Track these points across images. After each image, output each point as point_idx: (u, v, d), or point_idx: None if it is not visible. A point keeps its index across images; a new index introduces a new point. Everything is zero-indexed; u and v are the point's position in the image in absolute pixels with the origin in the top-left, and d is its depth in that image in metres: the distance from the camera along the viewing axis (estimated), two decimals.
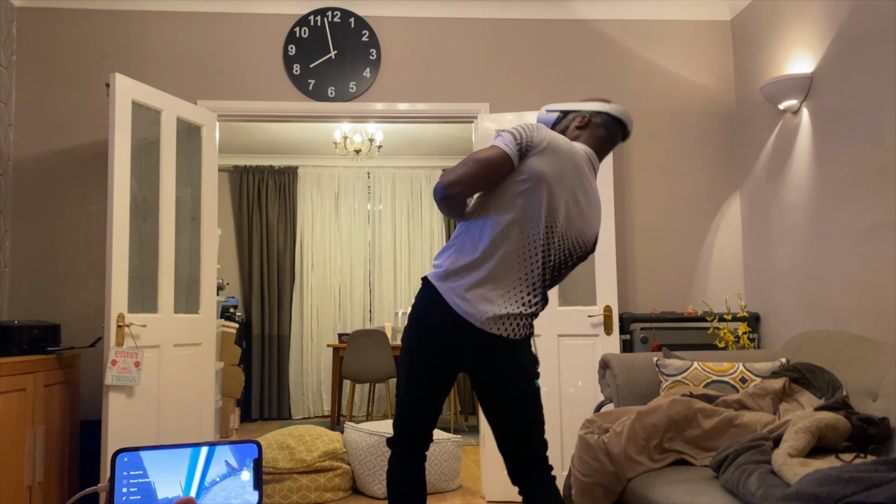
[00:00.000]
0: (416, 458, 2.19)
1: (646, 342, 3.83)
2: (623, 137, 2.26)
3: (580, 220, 2.09)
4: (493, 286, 2.03)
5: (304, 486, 3.92)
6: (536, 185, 2.00)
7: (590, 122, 2.20)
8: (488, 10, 4.24)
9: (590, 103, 2.23)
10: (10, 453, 2.93)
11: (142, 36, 4.07)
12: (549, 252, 2.06)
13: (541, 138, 2.01)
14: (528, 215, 2.01)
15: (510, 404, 2.08)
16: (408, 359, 2.15)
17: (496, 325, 2.03)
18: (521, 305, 2.05)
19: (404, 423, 2.19)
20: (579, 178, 2.07)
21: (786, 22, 3.71)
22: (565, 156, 2.04)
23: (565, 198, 2.04)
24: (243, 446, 0.84)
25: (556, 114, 2.26)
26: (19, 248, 3.90)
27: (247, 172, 7.54)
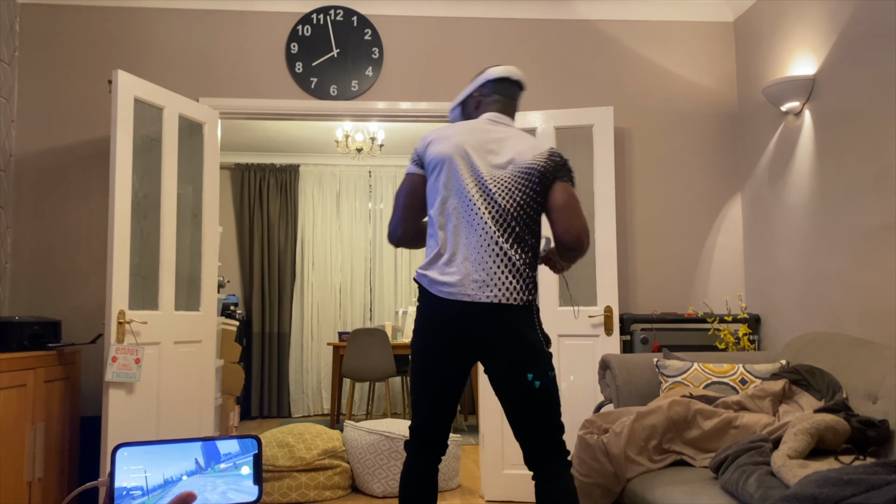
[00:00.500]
0: (429, 462, 2.20)
1: (646, 343, 3.84)
2: (520, 88, 2.37)
3: (497, 158, 2.19)
4: (463, 257, 2.12)
5: (304, 484, 3.92)
6: (439, 165, 2.19)
7: (480, 99, 2.35)
8: (491, 9, 4.24)
9: (472, 82, 2.37)
10: (10, 449, 2.93)
11: (144, 33, 4.07)
12: (490, 199, 2.14)
13: (424, 141, 2.26)
14: (449, 187, 2.17)
15: (520, 385, 2.08)
16: (417, 361, 2.18)
17: (483, 290, 2.06)
18: (498, 260, 2.10)
19: (420, 426, 2.20)
20: (477, 134, 2.22)
21: (789, 24, 3.71)
22: (452, 131, 2.23)
23: (470, 152, 2.18)
24: (243, 441, 0.84)
25: (458, 108, 2.43)
26: (20, 244, 3.90)
27: (248, 170, 7.54)
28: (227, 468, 0.83)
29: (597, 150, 3.96)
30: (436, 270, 2.14)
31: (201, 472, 0.81)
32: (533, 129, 4.02)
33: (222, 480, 0.82)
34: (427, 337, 2.15)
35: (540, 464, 2.11)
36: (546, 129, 4.00)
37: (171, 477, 0.80)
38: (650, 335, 3.85)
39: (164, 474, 0.80)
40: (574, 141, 4.04)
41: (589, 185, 3.99)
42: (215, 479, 0.82)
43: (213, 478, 0.82)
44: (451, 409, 2.21)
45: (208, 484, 0.81)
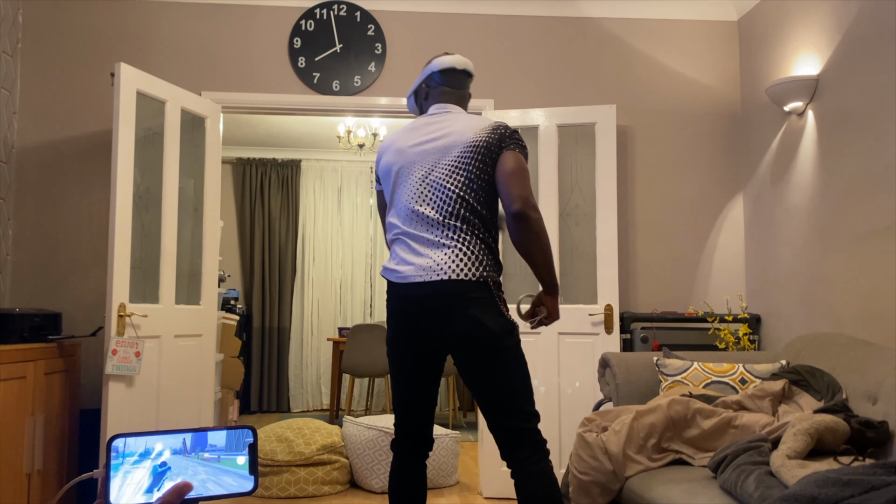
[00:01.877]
0: (416, 460, 2.21)
1: (646, 342, 3.83)
2: (467, 76, 2.40)
3: (436, 145, 2.22)
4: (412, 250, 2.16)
5: (302, 478, 3.93)
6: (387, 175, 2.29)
7: (428, 91, 2.39)
8: (494, 6, 4.23)
9: (421, 73, 2.42)
10: (9, 441, 2.93)
11: (147, 26, 4.06)
12: (432, 188, 2.17)
13: (378, 156, 2.35)
14: (395, 191, 2.25)
15: (481, 368, 2.06)
16: (389, 355, 2.23)
17: (427, 271, 2.09)
18: (445, 244, 2.12)
19: (401, 422, 2.22)
20: (415, 132, 2.27)
21: (792, 23, 3.70)
22: (395, 137, 2.31)
23: (409, 151, 2.25)
24: (239, 431, 0.84)
25: (412, 98, 2.48)
26: (22, 236, 3.90)
27: (250, 165, 7.54)
28: (210, 458, 0.83)
29: (599, 149, 3.95)
30: (392, 261, 2.21)
31: (185, 454, 0.81)
32: (535, 126, 4.01)
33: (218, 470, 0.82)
34: (390, 327, 2.21)
35: (513, 455, 2.07)
36: (548, 127, 4.00)
37: (152, 448, 0.80)
38: (650, 334, 3.85)
39: (146, 444, 0.80)
40: (576, 139, 4.03)
41: (591, 183, 3.99)
42: (197, 466, 0.82)
43: (196, 464, 0.82)
44: (430, 399, 2.20)
45: (189, 468, 0.81)
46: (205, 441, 0.83)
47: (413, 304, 2.11)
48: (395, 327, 2.17)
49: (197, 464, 0.82)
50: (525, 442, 2.07)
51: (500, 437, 2.10)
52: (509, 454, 2.09)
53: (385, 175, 2.29)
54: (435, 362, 2.18)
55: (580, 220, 3.99)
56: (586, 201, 3.99)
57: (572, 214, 4.01)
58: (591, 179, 3.99)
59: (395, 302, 2.16)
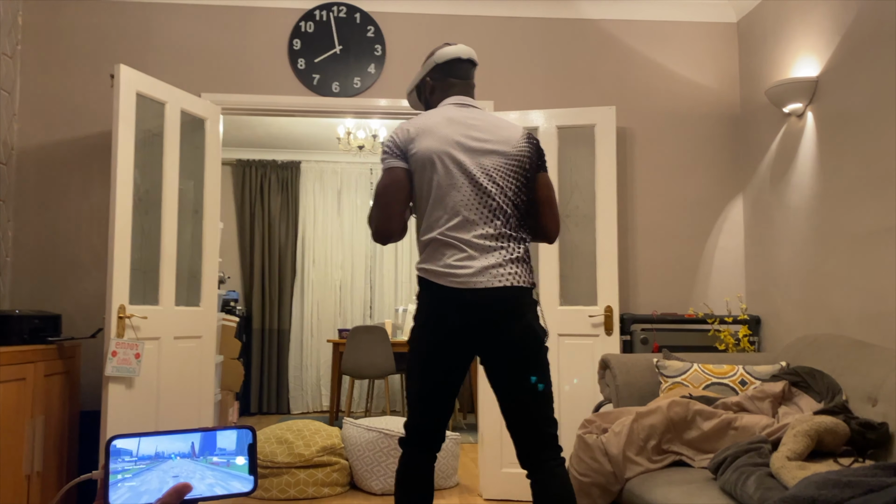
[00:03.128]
0: (428, 456, 2.19)
1: (646, 343, 3.83)
2: (472, 65, 2.34)
3: (487, 145, 2.18)
4: (468, 247, 2.10)
5: (302, 480, 3.93)
6: (429, 160, 2.14)
7: (434, 84, 2.32)
8: (494, 7, 4.23)
9: (424, 66, 2.34)
10: (9, 443, 2.93)
11: (147, 28, 4.06)
12: (488, 188, 2.13)
13: (405, 134, 2.18)
14: (446, 182, 2.13)
15: (524, 373, 2.08)
16: (421, 356, 2.16)
17: (492, 277, 2.06)
18: (502, 247, 2.11)
19: (420, 422, 2.18)
20: (457, 124, 2.19)
21: (792, 25, 3.71)
22: (432, 123, 2.18)
23: (461, 143, 2.16)
24: (238, 431, 0.84)
25: (413, 93, 2.41)
26: (22, 237, 3.90)
27: (250, 166, 7.54)
28: (220, 462, 0.83)
29: (599, 150, 3.95)
30: (441, 264, 2.11)
31: (193, 458, 0.81)
32: (535, 127, 4.01)
33: (218, 471, 0.82)
34: (432, 332, 2.12)
35: (539, 457, 2.09)
36: (548, 129, 4.00)
37: (163, 452, 0.80)
38: (650, 335, 3.85)
39: (157, 447, 0.80)
40: (576, 140, 4.03)
41: (590, 185, 3.99)
42: (205, 470, 0.82)
43: (204, 468, 0.82)
44: (451, 403, 2.20)
45: (198, 472, 0.81)
46: (212, 444, 0.83)
47: (470, 308, 2.06)
48: (439, 330, 2.10)
49: (205, 468, 0.82)
50: (551, 445, 2.10)
51: (526, 440, 2.10)
52: (534, 457, 2.10)
53: (422, 160, 2.14)
54: (468, 364, 2.17)
55: (580, 221, 3.99)
56: (586, 203, 3.99)
57: (572, 216, 4.01)
58: (590, 181, 3.99)
59: (441, 304, 2.10)
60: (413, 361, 2.18)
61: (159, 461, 0.80)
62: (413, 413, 2.20)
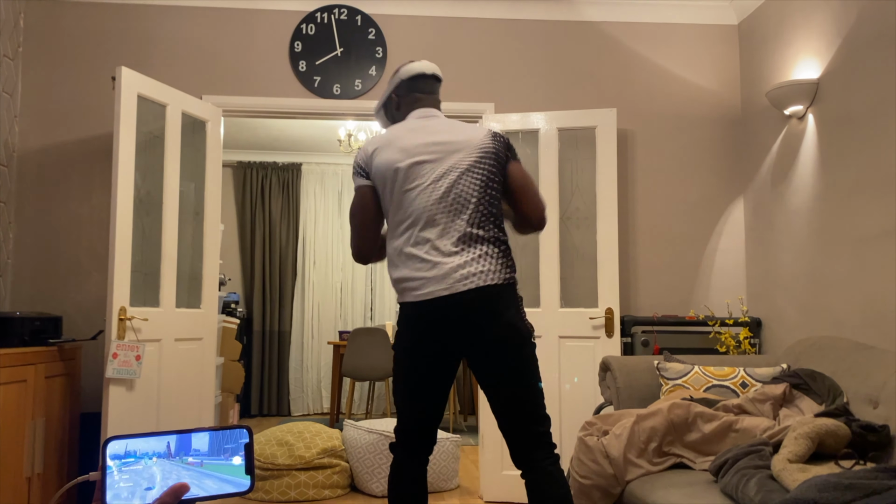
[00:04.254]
0: (418, 462, 2.18)
1: (647, 345, 3.83)
2: (437, 81, 2.37)
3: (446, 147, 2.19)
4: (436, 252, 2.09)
5: (303, 482, 3.92)
6: (389, 172, 2.16)
7: (399, 100, 2.36)
8: (495, 10, 4.23)
9: (389, 84, 2.37)
10: (9, 444, 2.93)
11: (148, 30, 4.07)
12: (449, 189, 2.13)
13: (366, 152, 2.22)
14: (406, 191, 2.14)
15: (507, 372, 2.06)
16: (402, 362, 2.16)
17: (462, 280, 2.04)
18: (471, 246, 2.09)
19: (407, 427, 2.18)
20: (417, 133, 2.21)
21: (793, 27, 3.71)
22: (392, 136, 2.21)
23: (418, 150, 2.17)
24: (234, 431, 0.84)
25: (381, 111, 2.44)
26: (22, 239, 3.91)
27: (250, 168, 7.54)
28: (219, 459, 0.83)
29: (599, 152, 3.95)
30: (401, 275, 2.11)
31: (169, 458, 0.81)
32: (536, 129, 4.01)
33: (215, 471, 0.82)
34: (412, 337, 2.11)
35: (530, 456, 2.08)
36: (549, 131, 4.00)
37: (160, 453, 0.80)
38: (651, 337, 3.85)
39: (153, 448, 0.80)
40: (577, 142, 4.03)
41: (591, 187, 3.99)
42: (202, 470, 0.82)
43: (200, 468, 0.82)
44: (440, 408, 2.19)
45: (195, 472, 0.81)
46: (188, 445, 0.83)
47: (444, 312, 2.05)
48: (416, 335, 2.10)
49: (202, 468, 0.82)
50: (542, 445, 2.09)
51: (517, 439, 2.09)
52: (526, 456, 2.08)
53: (382, 174, 2.17)
54: (453, 367, 2.15)
55: (581, 223, 3.99)
56: (587, 205, 4.00)
57: (573, 218, 4.01)
58: (591, 183, 3.99)
59: (418, 310, 2.08)
60: (395, 366, 2.18)
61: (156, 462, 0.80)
62: (400, 418, 2.20)
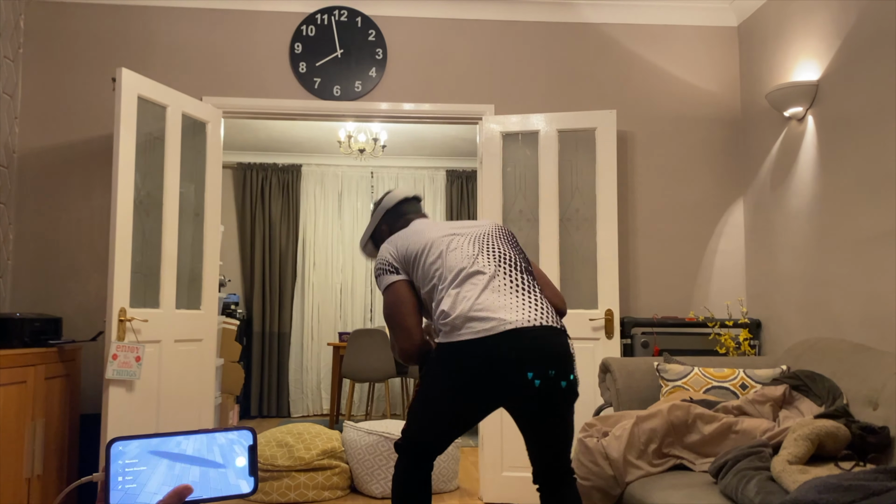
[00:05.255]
0: (425, 464, 2.18)
1: (646, 347, 3.83)
2: (417, 201, 2.47)
3: (466, 224, 2.29)
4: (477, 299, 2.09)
5: (302, 484, 3.92)
6: (424, 250, 2.20)
7: (389, 227, 2.46)
8: (495, 12, 4.24)
9: (373, 218, 2.49)
10: (9, 446, 2.93)
11: (149, 31, 4.07)
12: (489, 249, 2.19)
13: (390, 249, 2.25)
14: (442, 258, 2.17)
15: (561, 417, 2.09)
16: (449, 398, 2.07)
17: (533, 317, 2.05)
18: (528, 293, 2.12)
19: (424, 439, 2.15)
20: (433, 225, 2.29)
21: (792, 29, 3.71)
22: (413, 230, 2.29)
23: (447, 230, 2.25)
24: (238, 433, 0.85)
25: (370, 243, 2.54)
26: (22, 240, 3.91)
27: (250, 169, 7.55)
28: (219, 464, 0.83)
29: (599, 154, 3.96)
30: (461, 312, 2.03)
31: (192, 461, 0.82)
32: (536, 131, 4.02)
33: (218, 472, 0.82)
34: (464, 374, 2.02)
35: (550, 480, 2.15)
36: (549, 132, 4.00)
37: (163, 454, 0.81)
38: (651, 339, 3.85)
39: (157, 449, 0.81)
40: (577, 144, 4.04)
41: (591, 189, 3.99)
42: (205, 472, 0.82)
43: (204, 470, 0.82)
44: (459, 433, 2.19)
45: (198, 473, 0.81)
46: (211, 446, 0.83)
47: (512, 347, 1.98)
48: (476, 375, 2.00)
49: (205, 469, 0.82)
50: (568, 470, 2.17)
51: (551, 469, 2.14)
52: (549, 479, 2.14)
53: (414, 254, 2.19)
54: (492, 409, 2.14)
55: (580, 224, 4.00)
56: (586, 206, 4.00)
57: (573, 219, 4.01)
58: (591, 184, 3.99)
59: (478, 349, 1.99)
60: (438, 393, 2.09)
61: (159, 463, 0.80)
62: (421, 432, 2.15)
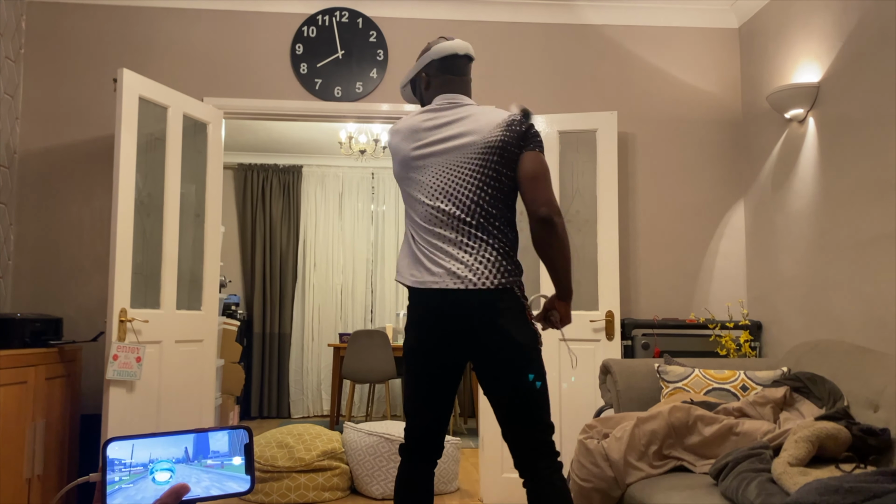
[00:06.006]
0: (426, 465, 2.18)
1: (647, 348, 3.83)
2: (469, 60, 2.31)
3: (445, 145, 2.16)
4: (424, 248, 2.12)
5: (303, 485, 3.92)
6: (397, 160, 2.23)
7: (429, 80, 2.29)
8: (496, 13, 4.24)
9: (419, 60, 2.31)
10: (9, 446, 2.93)
11: (150, 32, 4.08)
12: (445, 193, 2.12)
13: (391, 134, 2.26)
14: (407, 184, 2.19)
15: (507, 380, 2.04)
16: (408, 362, 2.17)
17: (452, 279, 2.05)
18: (465, 250, 2.08)
19: (414, 428, 2.18)
20: (418, 133, 2.19)
21: (793, 31, 3.71)
22: (398, 139, 2.23)
23: (414, 154, 2.18)
24: (234, 432, 0.85)
25: (408, 87, 2.40)
26: (23, 241, 3.91)
27: (251, 170, 7.55)
28: (214, 465, 0.83)
29: (600, 155, 3.96)
30: (406, 265, 2.15)
31: (188, 462, 0.82)
32: None
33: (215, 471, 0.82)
34: (417, 330, 2.12)
35: (533, 465, 2.07)
36: (550, 133, 4.00)
37: (158, 458, 0.80)
38: (651, 340, 3.85)
39: (150, 454, 0.80)
40: (577, 145, 4.04)
41: (592, 190, 3.99)
42: (200, 473, 0.82)
43: (201, 469, 0.82)
44: (445, 410, 2.18)
45: (195, 473, 0.81)
46: (207, 446, 0.83)
47: (439, 312, 2.06)
48: (418, 335, 2.11)
49: (200, 471, 0.82)
50: (544, 453, 2.07)
51: (519, 447, 2.08)
52: (528, 464, 2.07)
53: (394, 155, 2.24)
54: (458, 370, 2.14)
55: (581, 226, 4.00)
56: (587, 207, 4.00)
57: (573, 221, 4.01)
58: (592, 186, 3.99)
59: (419, 309, 2.10)
60: (404, 369, 2.20)
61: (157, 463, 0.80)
62: (409, 419, 2.20)
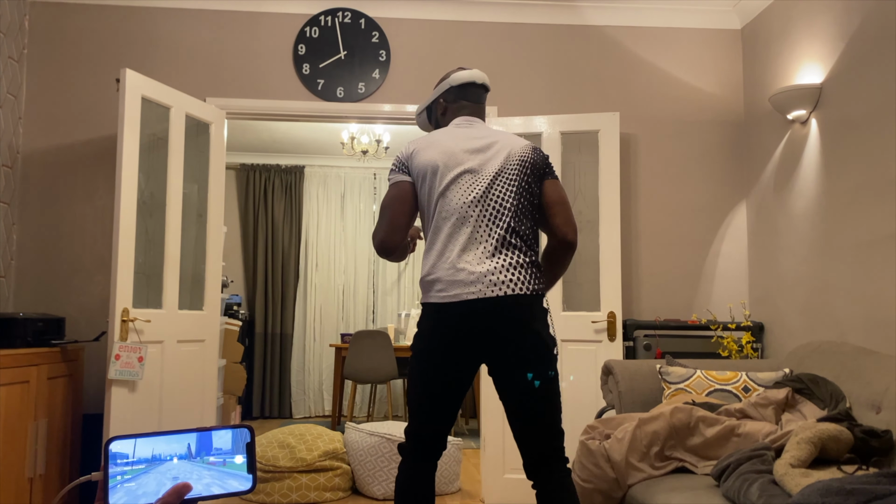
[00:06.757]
0: (428, 464, 2.18)
1: (649, 349, 3.83)
2: (485, 90, 2.40)
3: (487, 153, 2.22)
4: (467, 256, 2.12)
5: (304, 485, 3.92)
6: (428, 172, 2.20)
7: (446, 106, 2.39)
8: (499, 14, 4.24)
9: (437, 88, 2.40)
10: (12, 445, 2.93)
11: (153, 32, 4.08)
12: (485, 195, 2.16)
13: (408, 149, 2.26)
14: (443, 192, 2.18)
15: (531, 383, 2.07)
16: (420, 365, 2.15)
17: (490, 287, 2.06)
18: (500, 254, 2.11)
19: (421, 428, 2.17)
20: (458, 138, 2.25)
21: (796, 32, 3.71)
22: (434, 139, 2.25)
23: (458, 154, 2.21)
24: (236, 431, 0.85)
25: (424, 114, 2.48)
26: (26, 240, 3.92)
27: (253, 171, 7.56)
28: (216, 462, 0.83)
29: (602, 156, 3.96)
30: (440, 273, 2.13)
31: (191, 458, 0.82)
32: (538, 133, 4.02)
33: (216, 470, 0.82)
34: (433, 339, 2.12)
35: (548, 468, 2.09)
36: (552, 134, 4.00)
37: (160, 455, 0.81)
38: (653, 341, 3.84)
39: (154, 448, 0.80)
40: (580, 146, 4.04)
41: (594, 191, 3.99)
42: (202, 470, 0.82)
43: (202, 468, 0.82)
44: (454, 411, 2.19)
45: (196, 472, 0.81)
46: (209, 444, 0.83)
47: (469, 317, 2.07)
48: (438, 339, 2.10)
49: (203, 468, 0.82)
50: (559, 457, 2.11)
51: (533, 451, 2.10)
52: (543, 467, 2.10)
53: (422, 173, 2.20)
54: (474, 371, 2.16)
55: (583, 227, 4.00)
56: (589, 208, 4.00)
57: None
58: (594, 186, 3.99)
59: (444, 314, 2.09)
60: (412, 369, 2.18)
61: (157, 462, 0.81)
62: (413, 419, 2.19)
